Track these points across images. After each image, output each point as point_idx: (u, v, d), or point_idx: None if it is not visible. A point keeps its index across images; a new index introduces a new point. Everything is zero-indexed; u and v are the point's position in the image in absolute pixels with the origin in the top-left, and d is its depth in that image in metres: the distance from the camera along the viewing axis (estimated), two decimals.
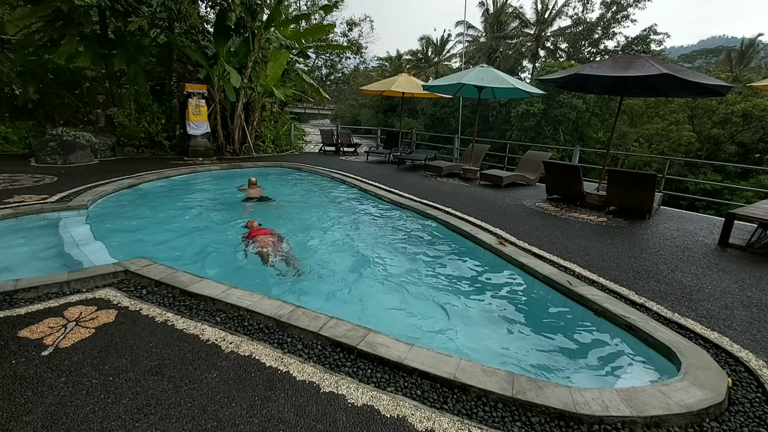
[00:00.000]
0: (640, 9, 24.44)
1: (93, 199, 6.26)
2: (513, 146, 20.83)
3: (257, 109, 12.75)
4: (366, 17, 23.78)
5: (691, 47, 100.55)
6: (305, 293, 3.99)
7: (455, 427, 2.06)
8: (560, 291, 3.83)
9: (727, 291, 3.81)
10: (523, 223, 5.89)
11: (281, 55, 12.17)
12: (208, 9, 12.35)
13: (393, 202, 7.37)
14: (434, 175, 10.02)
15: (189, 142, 11.36)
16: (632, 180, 6.32)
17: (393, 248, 5.29)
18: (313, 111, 43.16)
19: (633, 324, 3.11)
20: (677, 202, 14.43)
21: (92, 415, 2.02)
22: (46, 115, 11.26)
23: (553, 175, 7.52)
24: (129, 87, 11.84)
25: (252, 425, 2.01)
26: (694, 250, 4.97)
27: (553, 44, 30.58)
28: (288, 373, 2.40)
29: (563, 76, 6.85)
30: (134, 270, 3.61)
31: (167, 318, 2.95)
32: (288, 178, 10.01)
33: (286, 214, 6.75)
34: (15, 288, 3.16)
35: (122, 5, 10.27)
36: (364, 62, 29.92)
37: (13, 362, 2.38)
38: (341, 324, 2.88)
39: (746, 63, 29.39)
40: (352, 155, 13.72)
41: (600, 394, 2.29)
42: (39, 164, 8.76)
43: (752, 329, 3.12)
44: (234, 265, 4.65)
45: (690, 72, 6.12)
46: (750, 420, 2.23)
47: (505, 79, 8.56)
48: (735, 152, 18.76)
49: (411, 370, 2.46)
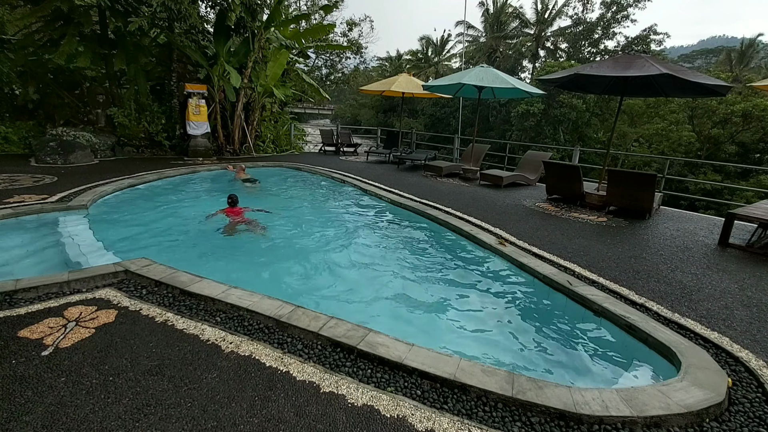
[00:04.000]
0: (640, 9, 24.45)
1: (93, 199, 6.26)
2: (513, 146, 20.82)
3: (257, 109, 12.75)
4: (366, 17, 23.84)
5: (691, 47, 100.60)
6: (305, 293, 4.00)
7: (455, 427, 2.06)
8: (560, 291, 3.83)
9: (727, 291, 3.81)
10: (523, 223, 5.89)
11: (281, 55, 12.17)
12: (208, 9, 12.36)
13: (393, 202, 7.37)
14: (434, 175, 10.02)
15: (189, 142, 11.36)
16: (632, 180, 6.32)
17: (393, 248, 5.29)
18: (313, 111, 43.15)
19: (633, 324, 3.11)
20: (677, 202, 14.42)
21: (92, 415, 2.02)
22: (46, 115, 11.25)
23: (553, 175, 7.52)
24: (129, 87, 11.84)
25: (252, 425, 2.01)
26: (694, 250, 4.97)
27: (553, 44, 30.58)
28: (288, 373, 2.40)
29: (563, 76, 6.85)
30: (134, 270, 3.61)
31: (167, 318, 2.95)
32: (288, 178, 10.00)
33: (286, 214, 6.75)
34: (15, 288, 3.16)
35: (122, 5, 10.27)
36: (364, 62, 29.97)
37: (13, 362, 2.38)
38: (341, 324, 2.88)
39: (746, 63, 29.39)
40: (352, 155, 13.71)
41: (600, 394, 2.29)
42: (39, 164, 8.76)
43: (752, 329, 3.12)
44: (234, 263, 4.65)
45: (690, 72, 6.12)
46: (750, 420, 2.23)
47: (505, 79, 8.56)
48: (735, 152, 18.75)
49: (411, 370, 2.46)
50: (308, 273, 4.52)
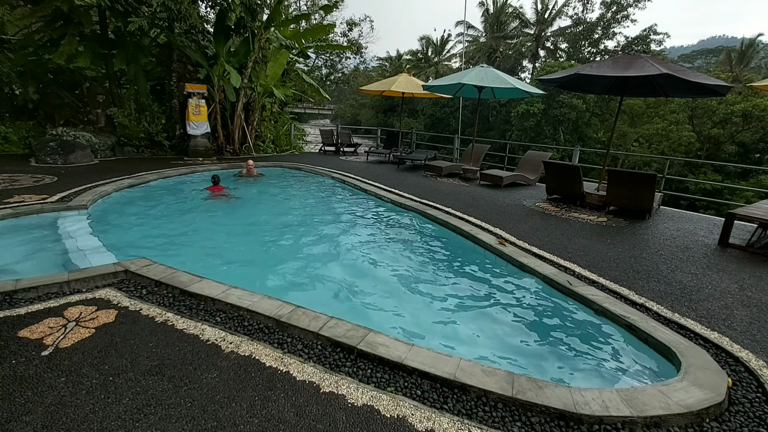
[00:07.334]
0: (640, 9, 24.49)
1: (93, 199, 6.26)
2: (513, 146, 20.83)
3: (257, 109, 12.75)
4: (366, 17, 23.86)
5: (691, 47, 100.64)
6: (305, 293, 4.00)
7: (455, 427, 2.06)
8: (560, 291, 3.83)
9: (727, 291, 3.81)
10: (523, 223, 5.89)
11: (281, 55, 12.17)
12: (208, 9, 12.35)
13: (393, 202, 7.37)
14: (434, 175, 10.02)
15: (189, 142, 11.36)
16: (632, 180, 6.32)
17: (392, 248, 5.29)
18: (313, 111, 43.20)
19: (633, 324, 3.11)
20: (677, 202, 14.43)
21: (92, 415, 2.02)
22: (46, 115, 11.25)
23: (553, 175, 7.52)
24: (129, 87, 11.84)
25: (252, 425, 2.01)
26: (694, 250, 4.97)
27: (553, 44, 30.59)
28: (288, 373, 2.40)
29: (563, 76, 6.85)
30: (134, 270, 3.61)
31: (167, 318, 2.95)
32: (288, 178, 10.00)
33: (286, 214, 6.75)
34: (15, 288, 3.16)
35: (122, 5, 10.27)
36: (364, 62, 29.99)
37: (13, 362, 2.38)
38: (341, 324, 2.88)
39: (746, 63, 29.36)
40: (352, 155, 13.71)
41: (600, 394, 2.29)
42: (39, 164, 8.76)
43: (752, 329, 3.12)
44: (233, 262, 4.65)
45: (690, 72, 6.12)
46: (750, 420, 2.23)
47: (505, 79, 8.56)
48: (735, 152, 18.76)
49: (411, 370, 2.46)
50: (308, 273, 4.52)
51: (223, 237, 5.49)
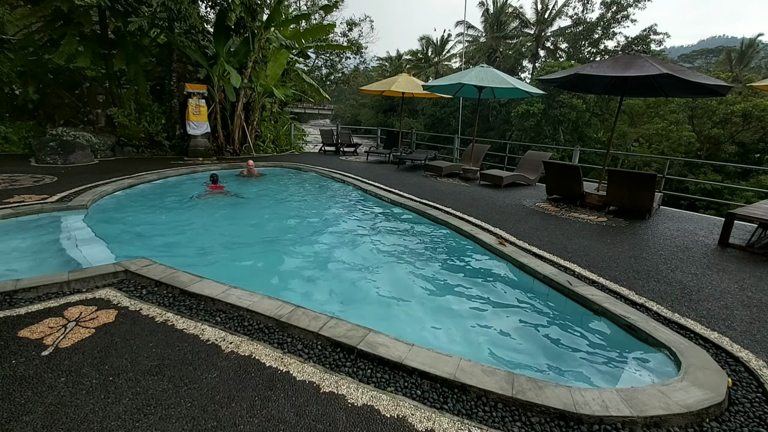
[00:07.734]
0: (640, 9, 24.46)
1: (93, 199, 6.26)
2: (513, 146, 20.82)
3: (257, 109, 12.75)
4: (366, 17, 23.86)
5: (691, 47, 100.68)
6: (305, 293, 4.00)
7: (455, 427, 2.06)
8: (560, 291, 3.83)
9: (727, 291, 3.81)
10: (523, 223, 5.89)
11: (281, 55, 12.17)
12: (208, 9, 12.35)
13: (393, 202, 7.37)
14: (434, 175, 10.02)
15: (189, 142, 11.36)
16: (632, 180, 6.32)
17: (392, 248, 5.28)
18: (313, 111, 43.16)
19: (633, 324, 3.11)
20: (677, 202, 14.42)
21: (92, 415, 2.02)
22: (46, 115, 11.25)
23: (553, 175, 7.52)
24: (129, 87, 11.84)
25: (252, 425, 2.01)
26: (694, 250, 4.97)
27: (553, 44, 30.58)
28: (288, 373, 2.40)
29: (563, 76, 6.85)
30: (134, 270, 3.61)
31: (167, 318, 2.95)
32: (288, 177, 10.00)
33: (286, 214, 6.75)
34: (15, 288, 3.16)
35: (122, 5, 10.27)
36: (364, 62, 29.97)
37: (13, 362, 2.38)
38: (341, 324, 2.88)
39: (746, 63, 29.38)
40: (352, 155, 13.71)
41: (600, 394, 2.29)
42: (39, 164, 8.76)
43: (752, 329, 3.12)
44: (233, 262, 4.65)
45: (690, 72, 6.12)
46: (750, 420, 2.23)
47: (505, 79, 8.56)
48: (735, 152, 18.76)
49: (411, 370, 2.46)
50: (308, 273, 4.52)
51: (223, 237, 5.49)
